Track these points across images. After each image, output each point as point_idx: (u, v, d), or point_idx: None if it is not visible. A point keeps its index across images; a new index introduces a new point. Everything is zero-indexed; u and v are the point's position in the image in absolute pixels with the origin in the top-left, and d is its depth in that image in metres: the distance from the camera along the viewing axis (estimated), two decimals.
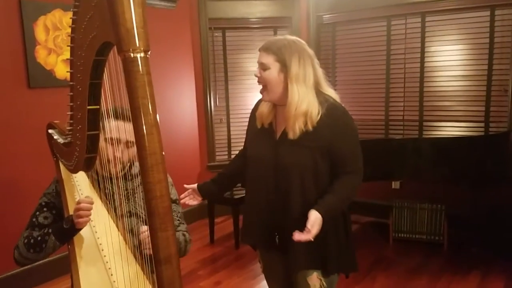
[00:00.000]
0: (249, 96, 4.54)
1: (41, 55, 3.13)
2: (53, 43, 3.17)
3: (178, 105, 4.28)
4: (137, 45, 0.89)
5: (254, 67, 4.50)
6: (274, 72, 1.57)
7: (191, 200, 1.94)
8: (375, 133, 4.25)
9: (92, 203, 1.42)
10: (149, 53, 0.92)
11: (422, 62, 4.00)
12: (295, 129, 1.55)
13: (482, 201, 3.53)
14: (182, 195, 1.96)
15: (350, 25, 4.35)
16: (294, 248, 1.58)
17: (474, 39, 3.73)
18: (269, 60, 1.57)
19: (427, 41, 3.95)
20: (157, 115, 0.93)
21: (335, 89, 1.69)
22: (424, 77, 4.01)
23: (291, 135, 1.56)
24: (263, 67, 1.58)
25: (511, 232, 3.25)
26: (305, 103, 1.54)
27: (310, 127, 1.55)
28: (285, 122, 1.60)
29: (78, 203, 1.41)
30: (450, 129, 3.90)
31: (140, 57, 0.90)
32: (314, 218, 1.47)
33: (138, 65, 0.90)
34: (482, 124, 3.78)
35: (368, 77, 4.31)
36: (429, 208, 3.66)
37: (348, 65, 4.42)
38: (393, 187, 4.18)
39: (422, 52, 3.98)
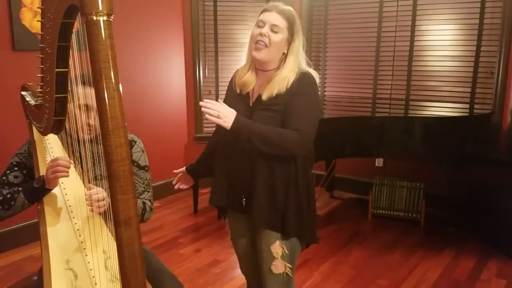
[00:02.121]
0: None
1: (26, 17, 3.09)
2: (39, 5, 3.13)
3: (166, 74, 4.26)
4: (100, 8, 0.90)
5: (245, 39, 4.48)
6: (282, 37, 1.60)
7: (183, 185, 1.97)
8: (362, 110, 4.28)
9: (70, 162, 1.44)
10: (112, 17, 0.92)
11: (412, 41, 3.98)
12: (273, 93, 1.60)
13: (461, 181, 3.59)
14: (174, 182, 1.99)
15: (343, 0, 4.30)
16: (257, 207, 1.64)
17: (465, 19, 3.71)
18: (282, 24, 1.60)
19: (418, 20, 3.93)
20: (119, 82, 0.94)
21: (325, 65, 1.72)
22: (413, 56, 4.01)
23: (264, 97, 1.61)
24: (275, 28, 1.59)
25: (488, 212, 3.32)
26: (292, 74, 1.61)
27: (281, 92, 1.60)
28: (264, 86, 1.64)
29: (56, 159, 1.42)
30: (436, 109, 3.93)
31: (103, 20, 0.91)
32: (225, 107, 1.55)
33: (100, 28, 0.91)
34: (467, 105, 3.81)
35: (358, 54, 4.29)
36: (408, 186, 3.72)
37: (339, 41, 4.39)
38: (376, 164, 4.23)
39: (413, 30, 3.97)
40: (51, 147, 1.65)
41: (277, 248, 1.67)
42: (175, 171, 1.98)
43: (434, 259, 3.06)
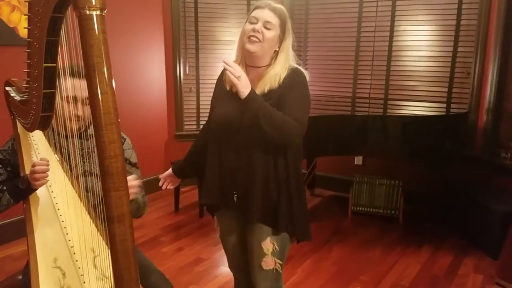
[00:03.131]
0: (220, 66, 4.48)
1: (4, 11, 3.00)
2: None
3: (146, 71, 4.21)
4: (93, 3, 0.89)
5: (226, 36, 4.48)
6: (274, 34, 1.63)
7: (170, 185, 1.95)
8: (342, 109, 4.33)
9: (48, 164, 1.41)
10: (105, 11, 0.92)
11: (391, 41, 4.06)
12: (265, 89, 1.62)
13: (438, 179, 3.68)
14: (160, 183, 1.97)
15: (324, 0, 4.34)
16: (251, 202, 1.65)
17: (442, 20, 3.80)
18: (275, 21, 1.63)
19: (397, 20, 4.01)
20: (112, 77, 0.94)
21: (306, 64, 1.76)
22: (391, 56, 4.08)
23: (258, 92, 1.62)
24: (268, 25, 1.62)
25: (464, 209, 3.41)
26: (283, 70, 1.65)
27: (274, 87, 1.63)
28: (256, 83, 1.65)
29: (33, 165, 1.40)
30: (414, 109, 4.01)
31: (96, 15, 0.90)
32: (246, 77, 1.55)
33: (94, 23, 0.90)
34: (444, 105, 3.91)
35: (338, 53, 4.34)
36: (387, 184, 3.79)
37: (319, 40, 4.43)
38: (355, 163, 4.30)
39: (391, 31, 4.04)
40: (36, 144, 1.61)
41: (268, 244, 1.68)
42: (160, 176, 1.96)
43: (413, 255, 3.13)
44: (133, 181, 1.48)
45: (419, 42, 3.94)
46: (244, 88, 1.53)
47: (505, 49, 3.46)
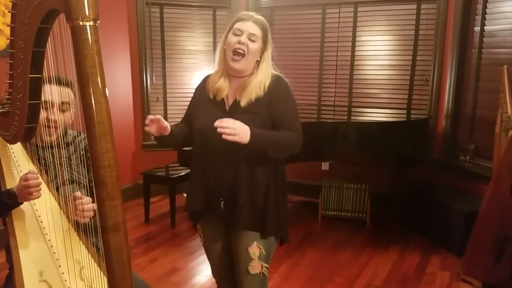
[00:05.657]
0: (187, 75, 4.52)
1: None
2: None
3: (112, 81, 4.15)
4: (87, 13, 0.91)
5: (192, 46, 4.50)
6: (258, 45, 1.69)
7: (153, 129, 1.64)
8: (308, 117, 4.42)
9: (38, 177, 1.39)
10: (98, 22, 0.93)
11: (353, 50, 4.20)
12: (252, 98, 1.67)
13: (402, 182, 3.83)
14: (146, 122, 1.63)
15: (288, 11, 4.45)
16: (238, 209, 1.68)
17: (401, 30, 3.99)
18: (259, 33, 1.69)
19: (358, 31, 4.16)
20: (106, 87, 0.95)
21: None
22: (354, 65, 4.23)
23: (244, 103, 1.67)
24: (253, 37, 1.67)
25: (427, 210, 3.56)
26: (266, 78, 1.71)
27: (260, 95, 1.68)
28: (240, 92, 1.69)
29: (26, 179, 1.38)
30: (376, 115, 4.16)
31: (90, 25, 0.92)
32: (238, 124, 1.53)
33: (87, 33, 0.91)
34: (405, 111, 4.08)
35: (303, 63, 4.45)
36: (354, 188, 3.91)
37: (284, 50, 4.51)
38: (322, 168, 4.39)
39: (353, 41, 4.19)
40: (16, 156, 1.57)
41: (255, 249, 1.70)
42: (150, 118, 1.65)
43: (382, 255, 3.24)
44: (89, 204, 1.41)
45: (380, 51, 4.10)
46: (245, 138, 1.55)
47: (462, 57, 3.67)
